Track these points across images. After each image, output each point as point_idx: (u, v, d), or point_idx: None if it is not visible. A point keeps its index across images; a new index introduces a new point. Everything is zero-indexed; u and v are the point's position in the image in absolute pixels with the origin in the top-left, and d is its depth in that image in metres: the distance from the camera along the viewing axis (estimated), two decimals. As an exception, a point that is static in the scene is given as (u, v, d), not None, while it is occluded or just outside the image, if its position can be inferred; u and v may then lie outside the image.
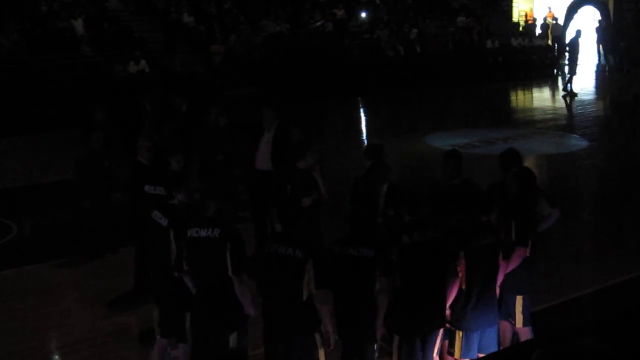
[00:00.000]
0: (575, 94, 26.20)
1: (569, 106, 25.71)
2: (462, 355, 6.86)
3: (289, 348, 6.46)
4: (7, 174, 16.04)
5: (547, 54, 33.83)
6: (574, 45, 26.86)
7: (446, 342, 7.03)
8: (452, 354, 6.98)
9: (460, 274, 6.73)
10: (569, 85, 26.32)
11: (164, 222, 7.08)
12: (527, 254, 7.23)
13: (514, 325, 7.46)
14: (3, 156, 17.70)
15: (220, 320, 6.57)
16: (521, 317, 7.48)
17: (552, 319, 8.79)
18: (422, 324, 6.66)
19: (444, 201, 7.59)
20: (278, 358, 6.54)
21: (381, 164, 9.01)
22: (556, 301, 9.30)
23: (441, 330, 6.81)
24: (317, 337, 6.49)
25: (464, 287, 6.77)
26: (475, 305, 6.80)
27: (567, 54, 27.08)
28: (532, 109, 26.01)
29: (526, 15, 37.65)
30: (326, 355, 6.57)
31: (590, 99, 25.63)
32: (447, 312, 6.85)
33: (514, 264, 7.17)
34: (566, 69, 27.24)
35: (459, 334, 6.88)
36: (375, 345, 6.72)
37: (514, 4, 37.78)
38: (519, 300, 7.43)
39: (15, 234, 12.38)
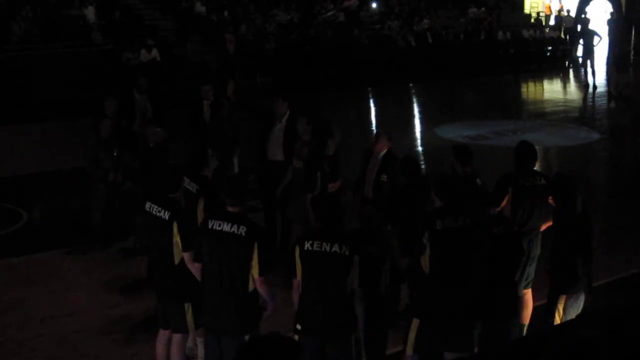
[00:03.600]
0: (588, 85, 26.16)
1: (580, 98, 25.64)
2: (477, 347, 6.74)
3: (325, 346, 6.31)
4: (16, 161, 16.05)
5: (558, 45, 33.71)
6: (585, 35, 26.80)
7: None
8: None
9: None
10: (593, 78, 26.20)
11: (165, 215, 6.96)
12: None
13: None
14: (13, 143, 17.72)
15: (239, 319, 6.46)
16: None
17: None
18: (447, 311, 6.54)
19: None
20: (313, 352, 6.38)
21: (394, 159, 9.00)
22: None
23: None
24: (353, 338, 6.42)
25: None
26: (498, 294, 6.73)
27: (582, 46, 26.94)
28: (542, 101, 25.94)
29: (548, 9, 37.54)
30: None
31: (601, 92, 25.50)
32: None
33: None
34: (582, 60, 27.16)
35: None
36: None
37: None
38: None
39: (25, 222, 12.42)
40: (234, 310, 6.39)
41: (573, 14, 35.24)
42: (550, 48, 33.47)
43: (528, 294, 8.03)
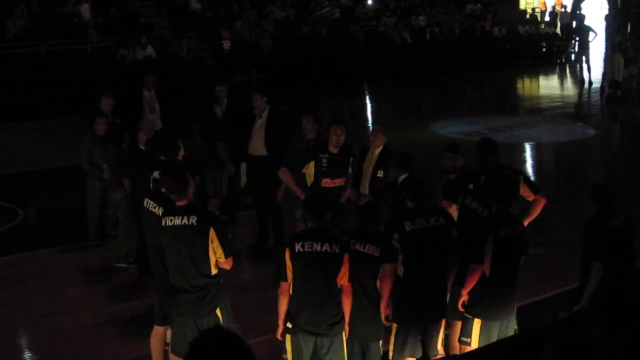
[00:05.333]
0: (583, 81, 26.20)
1: (575, 94, 25.66)
2: (481, 344, 6.67)
3: (317, 344, 6.31)
4: (12, 159, 16.03)
5: (554, 41, 33.72)
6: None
7: (455, 332, 7.01)
8: (467, 343, 6.81)
9: (485, 262, 6.63)
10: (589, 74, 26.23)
11: (158, 211, 7.00)
12: None
13: None
14: (9, 141, 17.70)
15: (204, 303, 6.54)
16: None
17: (553, 309, 8.78)
18: (423, 313, 6.63)
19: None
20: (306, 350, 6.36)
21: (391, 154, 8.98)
22: (558, 290, 9.28)
23: (443, 321, 6.81)
24: (344, 335, 6.42)
25: (487, 275, 6.67)
26: (499, 293, 6.72)
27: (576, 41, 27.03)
28: (538, 97, 25.96)
29: (544, 5, 37.54)
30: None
31: (596, 87, 25.49)
32: (465, 298, 6.76)
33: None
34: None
35: (477, 322, 6.74)
36: (381, 342, 6.69)
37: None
38: None
39: (21, 220, 12.42)
40: (197, 297, 6.47)
41: (570, 10, 35.26)
42: (545, 44, 33.49)
43: None
